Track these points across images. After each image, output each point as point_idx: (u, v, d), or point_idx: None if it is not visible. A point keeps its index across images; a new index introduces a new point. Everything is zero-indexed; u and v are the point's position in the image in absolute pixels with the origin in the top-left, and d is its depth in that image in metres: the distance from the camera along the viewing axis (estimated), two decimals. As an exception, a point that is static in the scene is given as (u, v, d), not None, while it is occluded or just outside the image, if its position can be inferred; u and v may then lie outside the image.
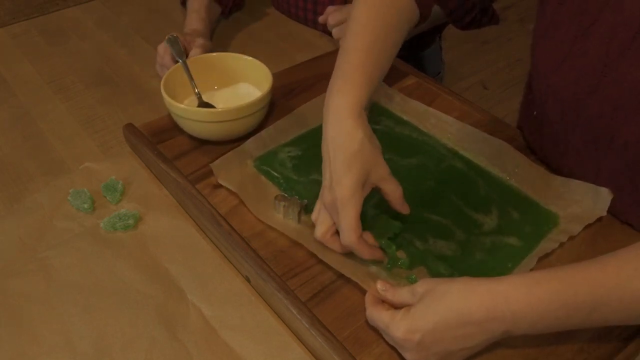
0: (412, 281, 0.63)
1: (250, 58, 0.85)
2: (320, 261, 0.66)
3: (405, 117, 0.85)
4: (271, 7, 1.19)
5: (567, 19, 0.64)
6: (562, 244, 0.67)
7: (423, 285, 0.55)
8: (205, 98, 0.85)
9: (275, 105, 0.87)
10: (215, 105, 0.84)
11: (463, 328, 0.51)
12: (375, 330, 0.59)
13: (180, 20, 1.07)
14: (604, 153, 0.67)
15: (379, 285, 0.58)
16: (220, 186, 0.74)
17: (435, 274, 0.64)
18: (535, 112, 0.76)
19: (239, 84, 0.88)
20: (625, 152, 0.64)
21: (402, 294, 0.56)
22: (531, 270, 0.64)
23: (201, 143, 0.81)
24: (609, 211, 0.68)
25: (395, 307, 0.57)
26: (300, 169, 0.77)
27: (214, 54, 0.88)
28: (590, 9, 0.61)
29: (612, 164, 0.66)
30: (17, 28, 1.12)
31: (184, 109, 0.76)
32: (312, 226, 0.69)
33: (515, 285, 0.51)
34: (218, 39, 1.07)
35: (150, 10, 1.19)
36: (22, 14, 1.17)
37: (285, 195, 0.72)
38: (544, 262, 0.65)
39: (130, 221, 0.71)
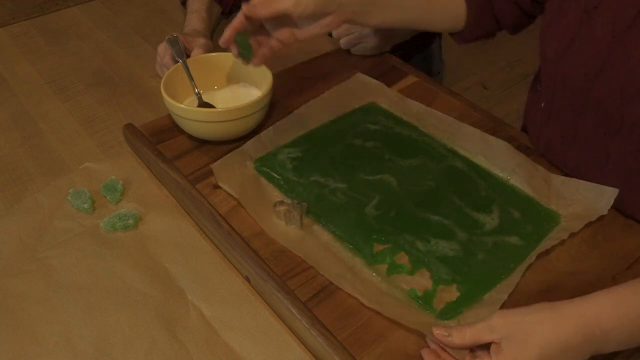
0: (413, 295, 0.62)
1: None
2: (321, 261, 0.66)
3: (405, 118, 0.85)
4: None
5: (574, 3, 0.65)
6: (563, 241, 0.67)
7: (501, 318, 0.53)
8: (205, 98, 0.85)
9: (275, 105, 0.87)
10: (215, 105, 0.84)
11: (564, 356, 0.51)
12: (375, 330, 0.59)
13: (180, 20, 1.07)
14: (613, 136, 0.67)
15: (442, 331, 0.55)
16: (220, 186, 0.74)
17: (437, 278, 0.64)
18: (543, 104, 0.76)
19: (239, 84, 0.88)
20: (634, 134, 0.64)
21: (476, 332, 0.53)
22: (530, 265, 0.64)
23: (201, 143, 0.81)
24: (613, 205, 0.68)
25: (463, 348, 0.55)
26: (300, 170, 0.76)
27: (214, 54, 0.88)
28: None
29: (621, 149, 0.67)
30: (17, 28, 1.12)
31: (183, 109, 0.76)
32: (313, 232, 0.69)
33: (604, 305, 0.51)
34: (218, 39, 1.07)
35: (150, 10, 1.19)
36: (22, 14, 1.18)
37: (284, 200, 0.71)
38: (544, 259, 0.66)
39: (130, 221, 0.71)
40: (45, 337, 0.60)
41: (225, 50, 0.87)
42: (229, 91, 0.87)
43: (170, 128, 0.83)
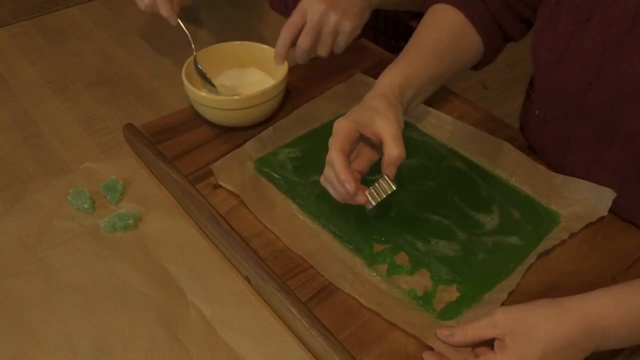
0: (413, 295, 0.62)
1: (266, 46, 0.87)
2: (321, 261, 0.66)
3: (405, 117, 0.85)
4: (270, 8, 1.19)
5: (564, 14, 0.65)
6: (563, 242, 0.67)
7: (504, 314, 0.53)
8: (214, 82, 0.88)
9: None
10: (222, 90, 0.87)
11: (566, 351, 0.51)
12: (375, 330, 0.59)
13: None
14: (608, 147, 0.67)
15: (445, 332, 0.56)
16: (220, 186, 0.74)
17: (437, 278, 0.64)
18: (537, 112, 0.76)
19: (247, 69, 0.89)
20: (630, 144, 0.64)
21: (479, 329, 0.54)
22: (530, 265, 0.64)
23: (201, 143, 0.81)
24: (610, 209, 0.68)
25: (466, 346, 0.55)
26: (300, 170, 0.76)
27: (224, 44, 0.89)
28: (585, 4, 0.62)
29: (617, 158, 0.67)
30: (17, 28, 1.12)
31: (206, 97, 0.78)
32: (313, 232, 0.69)
33: (605, 302, 0.52)
34: (218, 39, 1.07)
35: (150, 10, 1.19)
36: (22, 14, 1.18)
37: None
38: (544, 259, 0.66)
39: (130, 221, 0.71)
40: (45, 337, 0.60)
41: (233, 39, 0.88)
42: (235, 74, 0.90)
43: (170, 128, 0.83)
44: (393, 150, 0.62)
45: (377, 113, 0.64)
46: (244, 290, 0.65)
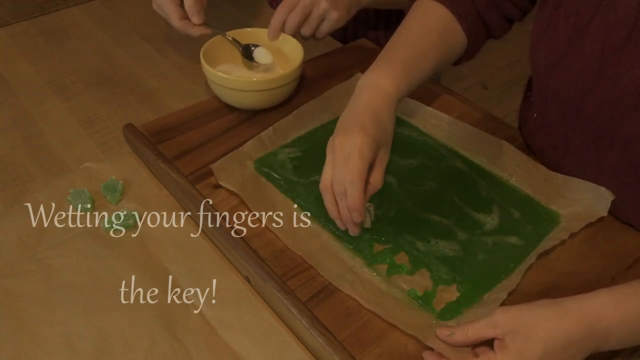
0: (413, 295, 0.62)
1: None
2: (321, 261, 0.66)
3: (405, 117, 0.85)
4: (269, 7, 1.19)
5: (563, 19, 0.65)
6: (563, 242, 0.67)
7: (504, 314, 0.53)
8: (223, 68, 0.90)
9: (275, 105, 0.87)
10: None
11: (566, 351, 0.51)
12: (375, 330, 0.59)
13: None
14: (606, 151, 0.67)
15: (445, 331, 0.56)
16: (221, 186, 0.74)
17: (437, 278, 0.64)
18: (535, 115, 0.76)
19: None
20: (628, 150, 0.64)
21: (479, 328, 0.54)
22: (530, 265, 0.64)
23: (201, 143, 0.81)
24: (609, 211, 0.68)
25: (466, 346, 0.56)
26: (300, 170, 0.76)
27: (249, 29, 0.93)
28: (585, 9, 0.62)
29: (615, 163, 0.67)
30: (17, 28, 1.12)
31: (227, 79, 0.81)
32: (313, 232, 0.69)
33: (606, 303, 0.52)
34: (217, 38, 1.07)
35: (150, 10, 1.18)
36: (22, 14, 1.17)
37: None
38: (544, 259, 0.66)
39: (130, 221, 0.71)
40: (46, 337, 0.60)
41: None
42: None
43: (170, 128, 0.83)
44: (379, 182, 0.64)
45: (386, 139, 0.65)
46: (244, 290, 0.65)
